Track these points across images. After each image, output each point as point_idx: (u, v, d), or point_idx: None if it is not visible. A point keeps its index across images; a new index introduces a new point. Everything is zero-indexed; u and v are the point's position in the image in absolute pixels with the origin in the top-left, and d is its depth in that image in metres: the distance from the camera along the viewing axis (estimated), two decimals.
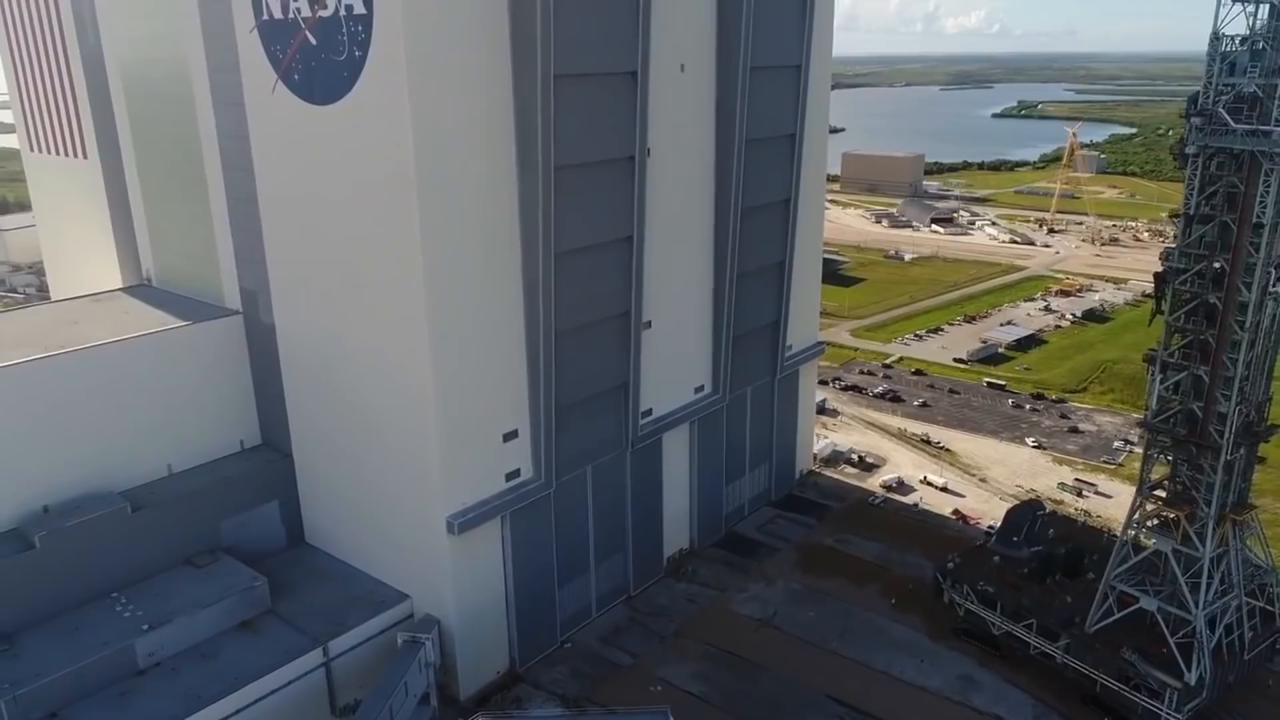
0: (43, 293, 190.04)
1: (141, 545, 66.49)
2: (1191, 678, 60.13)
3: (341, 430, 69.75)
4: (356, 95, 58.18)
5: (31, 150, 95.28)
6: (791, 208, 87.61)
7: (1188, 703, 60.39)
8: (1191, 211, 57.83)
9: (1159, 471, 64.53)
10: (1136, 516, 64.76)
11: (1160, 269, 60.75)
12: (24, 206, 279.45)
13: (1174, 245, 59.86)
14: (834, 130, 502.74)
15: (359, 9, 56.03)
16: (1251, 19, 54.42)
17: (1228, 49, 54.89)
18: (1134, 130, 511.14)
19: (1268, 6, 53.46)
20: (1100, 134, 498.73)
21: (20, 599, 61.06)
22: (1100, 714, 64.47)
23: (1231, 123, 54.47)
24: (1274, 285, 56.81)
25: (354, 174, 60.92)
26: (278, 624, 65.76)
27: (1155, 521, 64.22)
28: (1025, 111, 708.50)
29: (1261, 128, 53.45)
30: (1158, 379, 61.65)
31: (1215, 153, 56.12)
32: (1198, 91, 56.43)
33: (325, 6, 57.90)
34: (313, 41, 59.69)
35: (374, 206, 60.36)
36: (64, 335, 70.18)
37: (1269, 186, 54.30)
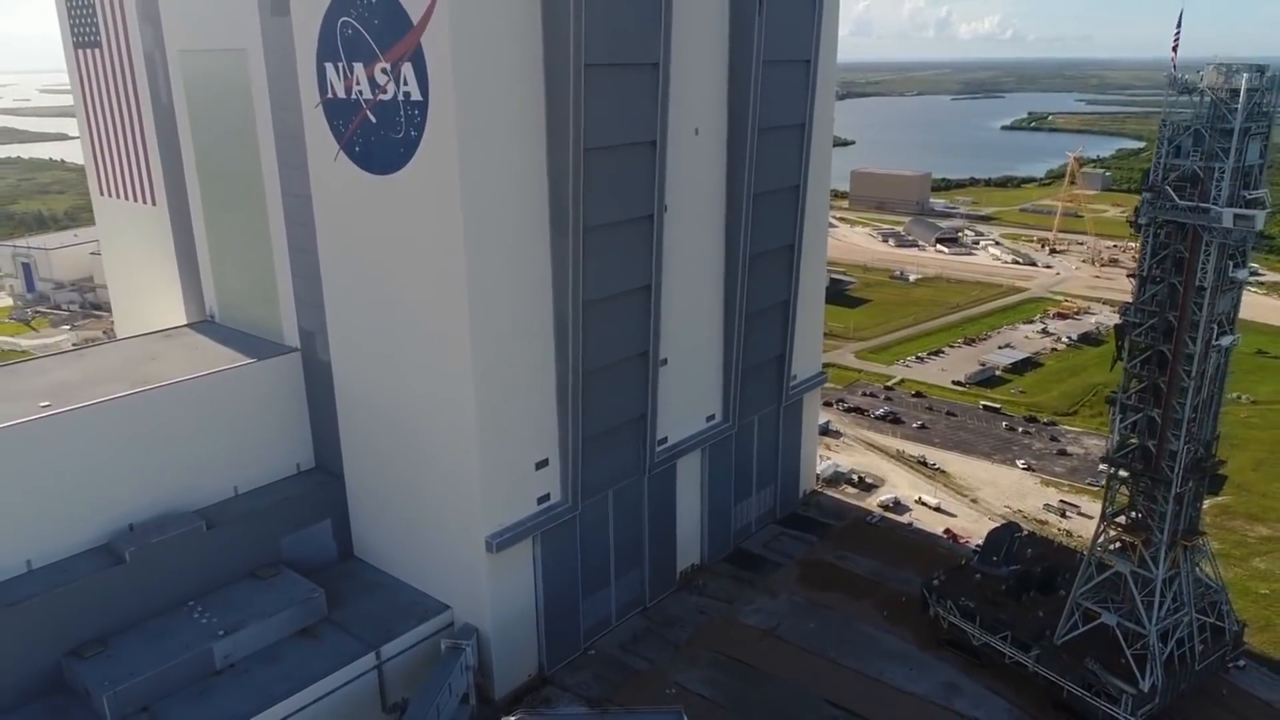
0: (85, 309, 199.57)
1: (214, 559, 74.12)
2: (1145, 685, 67.60)
3: (390, 457, 77.55)
4: (412, 169, 66.13)
5: (101, 194, 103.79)
6: (795, 251, 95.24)
7: (1142, 707, 67.77)
8: (1144, 273, 65.48)
9: (1121, 501, 72.16)
10: (1100, 541, 72.36)
11: (1119, 321, 68.54)
12: (60, 224, 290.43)
13: (1130, 302, 67.55)
14: (845, 143, 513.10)
15: (416, 96, 64.13)
16: (1196, 106, 62.20)
17: (1174, 134, 62.65)
18: (1142, 144, 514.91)
19: (1209, 99, 61.16)
20: (1108, 148, 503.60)
21: (113, 607, 68.69)
22: (1067, 718, 71.88)
23: (1176, 199, 62.16)
24: (1217, 339, 64.46)
25: (408, 235, 68.88)
26: (334, 631, 73.15)
27: (1116, 545, 71.88)
28: (1035, 124, 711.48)
29: (1201, 205, 61.07)
30: (1117, 419, 69.39)
31: (1164, 223, 63.81)
32: (1149, 169, 64.28)
33: (385, 92, 66.13)
34: (373, 120, 67.92)
35: (426, 263, 68.19)
36: (145, 371, 78.20)
37: (1209, 255, 61.84)
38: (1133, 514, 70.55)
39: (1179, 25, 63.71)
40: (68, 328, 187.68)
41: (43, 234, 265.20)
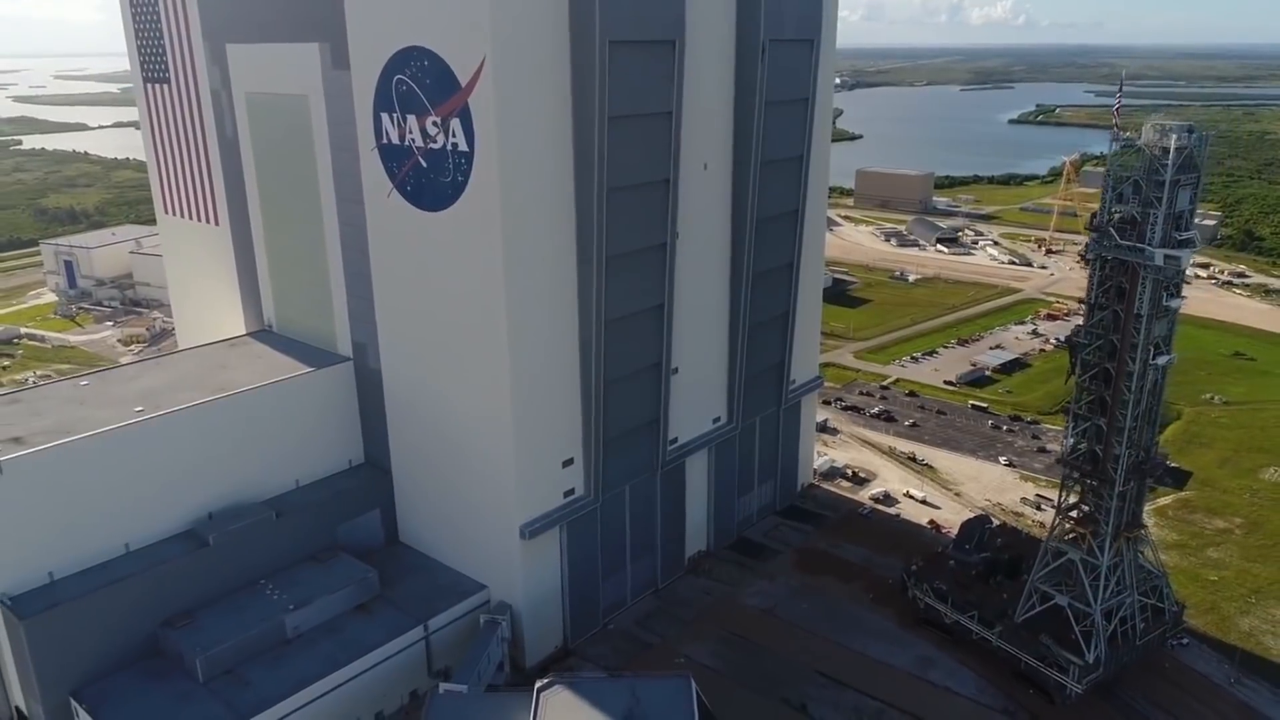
0: (125, 305, 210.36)
1: (282, 543, 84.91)
2: (1090, 657, 77.90)
3: (434, 455, 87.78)
4: (458, 208, 76.18)
5: (166, 213, 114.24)
6: (794, 268, 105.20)
7: (1087, 676, 78.08)
8: (1092, 301, 75.43)
9: (1074, 497, 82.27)
10: (1056, 532, 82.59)
11: (1072, 342, 78.48)
12: (91, 219, 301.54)
13: (1082, 324, 77.46)
14: (852, 137, 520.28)
15: (463, 147, 74.15)
16: (1136, 161, 71.93)
17: (1116, 182, 72.39)
18: None
19: (1146, 154, 70.85)
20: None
21: (199, 584, 79.56)
22: (1025, 686, 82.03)
23: (1118, 239, 72.01)
24: (1154, 359, 74.34)
25: (454, 263, 78.87)
26: (386, 606, 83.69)
27: (1070, 536, 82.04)
28: (1042, 117, 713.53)
29: (1138, 244, 70.94)
30: (1070, 426, 79.42)
31: (1108, 258, 73.70)
32: (1095, 211, 74.12)
33: (435, 141, 76.23)
34: (423, 164, 78.01)
35: (470, 287, 78.23)
36: (220, 379, 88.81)
37: (1145, 287, 71.73)
38: (1083, 508, 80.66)
39: (1120, 87, 73.27)
40: (110, 324, 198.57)
41: (76, 229, 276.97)
